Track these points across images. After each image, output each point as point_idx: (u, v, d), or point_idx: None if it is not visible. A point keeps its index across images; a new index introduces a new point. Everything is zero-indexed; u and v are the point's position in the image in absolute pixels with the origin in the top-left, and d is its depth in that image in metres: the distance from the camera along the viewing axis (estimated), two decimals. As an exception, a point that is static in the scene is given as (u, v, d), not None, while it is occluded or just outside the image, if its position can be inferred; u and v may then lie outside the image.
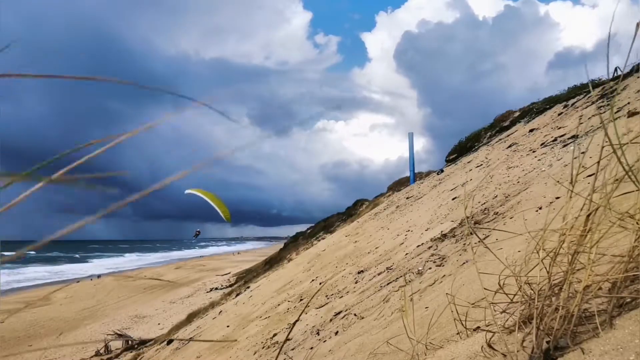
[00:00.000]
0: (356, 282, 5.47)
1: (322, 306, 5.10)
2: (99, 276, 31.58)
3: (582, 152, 1.41)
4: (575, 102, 11.36)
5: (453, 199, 7.89)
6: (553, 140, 7.66)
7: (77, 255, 60.65)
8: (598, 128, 5.55)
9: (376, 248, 7.53)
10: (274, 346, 4.72)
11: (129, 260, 52.67)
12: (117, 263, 48.75)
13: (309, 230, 26.29)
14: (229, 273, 28.79)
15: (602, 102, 7.84)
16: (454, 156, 18.99)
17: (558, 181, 4.00)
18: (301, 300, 6.56)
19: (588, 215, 0.99)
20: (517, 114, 17.20)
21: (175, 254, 65.16)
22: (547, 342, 0.98)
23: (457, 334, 1.46)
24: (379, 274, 5.14)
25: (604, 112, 6.72)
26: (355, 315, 3.79)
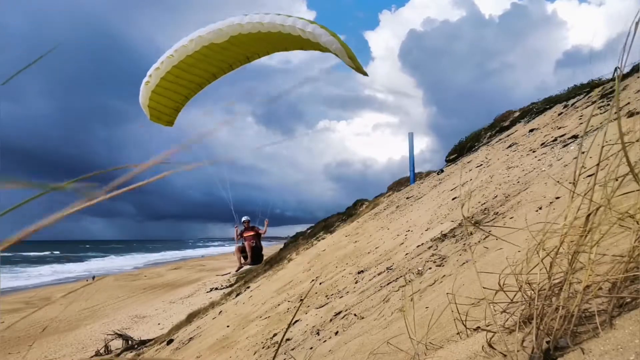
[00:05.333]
0: (356, 282, 5.47)
1: (322, 306, 5.10)
2: (93, 277, 31.34)
3: (583, 152, 1.41)
4: (575, 102, 11.37)
5: (453, 199, 7.89)
6: (553, 140, 7.67)
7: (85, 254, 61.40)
8: (598, 128, 5.55)
9: (376, 248, 7.53)
10: (274, 346, 4.72)
11: (134, 260, 52.93)
12: (120, 263, 49.04)
13: (309, 230, 26.28)
14: (229, 273, 28.77)
15: (602, 102, 7.84)
16: (454, 156, 19.00)
17: (558, 181, 4.00)
18: (301, 300, 6.56)
19: (588, 215, 0.99)
20: (517, 114, 17.20)
21: (177, 254, 65.31)
22: (547, 342, 0.98)
23: (458, 333, 1.46)
24: (379, 274, 5.14)
25: (604, 112, 6.72)
26: (355, 315, 3.79)
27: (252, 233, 10.06)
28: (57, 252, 63.52)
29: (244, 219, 10.04)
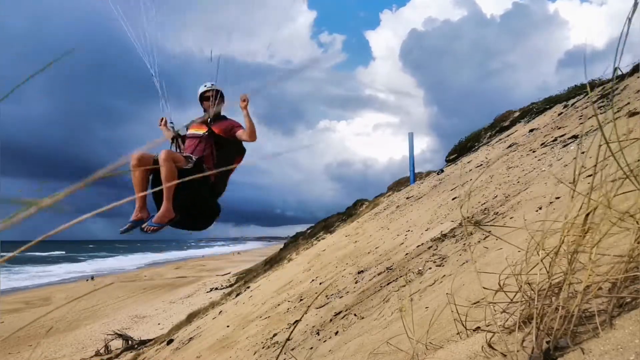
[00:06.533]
0: (356, 282, 5.48)
1: (322, 306, 5.10)
2: (92, 277, 31.13)
3: (582, 152, 1.41)
4: (575, 102, 11.37)
5: (453, 199, 7.89)
6: (553, 140, 7.67)
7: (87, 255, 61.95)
8: (598, 128, 5.55)
9: (376, 248, 7.53)
10: (274, 346, 4.72)
11: (134, 260, 53.25)
12: (121, 263, 49.41)
13: (309, 231, 26.30)
14: (229, 273, 28.81)
15: (602, 102, 7.85)
16: (454, 156, 19.02)
17: (560, 181, 4.00)
18: (301, 300, 6.56)
19: (587, 215, 0.99)
20: (517, 114, 17.21)
21: (177, 254, 65.52)
22: (547, 342, 0.98)
23: (457, 334, 1.46)
24: (379, 274, 5.14)
25: (604, 112, 6.72)
26: (355, 315, 3.79)
27: (201, 130, 3.44)
28: (63, 252, 64.24)
29: (203, 88, 3.59)
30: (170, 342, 9.47)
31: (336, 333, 3.57)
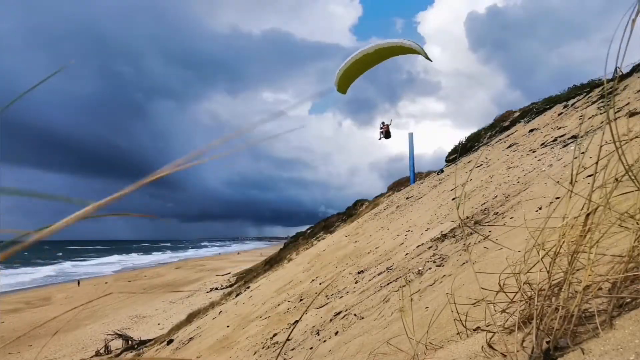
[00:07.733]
0: (356, 282, 5.47)
1: (322, 306, 5.10)
2: (78, 282, 29.52)
3: (582, 152, 1.42)
4: (575, 102, 11.37)
5: (453, 199, 7.89)
6: (553, 140, 7.67)
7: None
8: (598, 128, 5.56)
9: (376, 248, 7.53)
10: (274, 346, 4.72)
11: (133, 260, 54.51)
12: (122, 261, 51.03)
13: (309, 231, 26.31)
14: (229, 273, 28.81)
15: (602, 102, 7.85)
16: (454, 156, 19.02)
17: (558, 182, 4.00)
18: (301, 300, 6.56)
19: (587, 215, 0.99)
20: (517, 114, 17.22)
21: (177, 254, 65.99)
22: (547, 342, 0.98)
23: (457, 334, 1.46)
24: (379, 274, 5.14)
25: (603, 112, 6.73)
26: (355, 315, 3.79)
27: None
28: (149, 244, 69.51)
29: None
30: (170, 342, 9.46)
31: (336, 333, 3.57)
